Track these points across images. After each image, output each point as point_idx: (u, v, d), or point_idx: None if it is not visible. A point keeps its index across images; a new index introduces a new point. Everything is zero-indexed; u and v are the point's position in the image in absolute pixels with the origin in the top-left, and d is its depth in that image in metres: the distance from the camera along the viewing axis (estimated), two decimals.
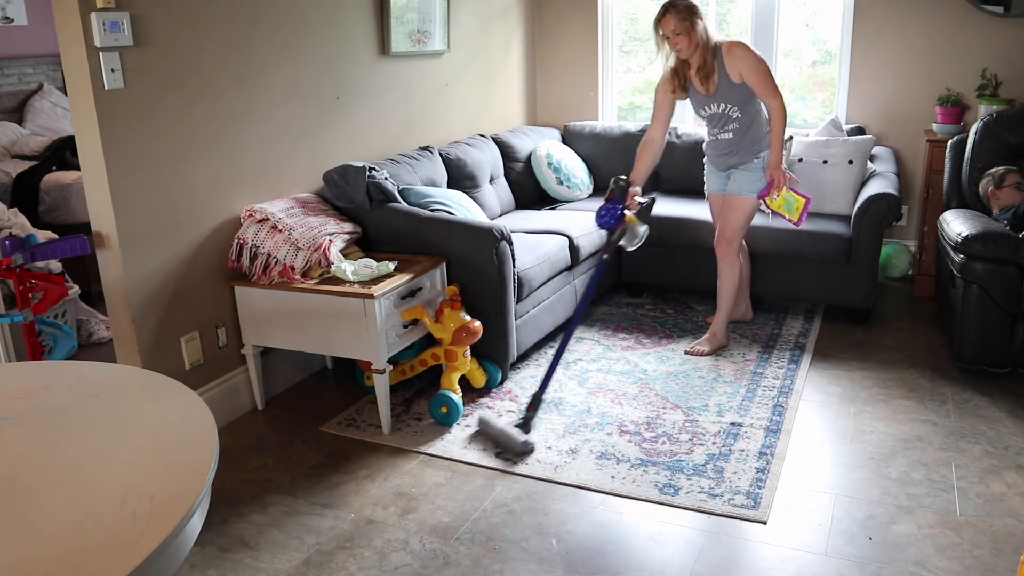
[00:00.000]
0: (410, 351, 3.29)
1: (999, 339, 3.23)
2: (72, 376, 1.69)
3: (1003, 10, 4.29)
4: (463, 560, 2.32)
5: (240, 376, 3.26)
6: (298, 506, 2.62)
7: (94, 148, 2.65)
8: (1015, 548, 2.28)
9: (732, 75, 3.35)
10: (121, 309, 2.82)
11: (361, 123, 3.83)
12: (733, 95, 3.39)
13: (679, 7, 3.30)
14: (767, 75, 3.34)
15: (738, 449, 2.85)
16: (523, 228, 3.97)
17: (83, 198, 3.26)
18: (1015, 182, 3.65)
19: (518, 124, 5.26)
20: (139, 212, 2.79)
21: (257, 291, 3.08)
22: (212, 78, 3.00)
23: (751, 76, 3.33)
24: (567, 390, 3.35)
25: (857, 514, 2.48)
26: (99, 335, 3.96)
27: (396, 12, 3.94)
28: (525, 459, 2.82)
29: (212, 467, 1.28)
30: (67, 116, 5.65)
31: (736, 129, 3.45)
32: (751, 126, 3.44)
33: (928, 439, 2.89)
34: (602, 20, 5.23)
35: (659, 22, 3.36)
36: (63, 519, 1.17)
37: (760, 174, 3.46)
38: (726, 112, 3.43)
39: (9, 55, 5.74)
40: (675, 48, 3.35)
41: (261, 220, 3.10)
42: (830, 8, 4.76)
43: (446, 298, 3.16)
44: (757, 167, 3.47)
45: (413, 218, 3.34)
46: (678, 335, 3.88)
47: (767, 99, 3.36)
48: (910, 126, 4.62)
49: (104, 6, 2.56)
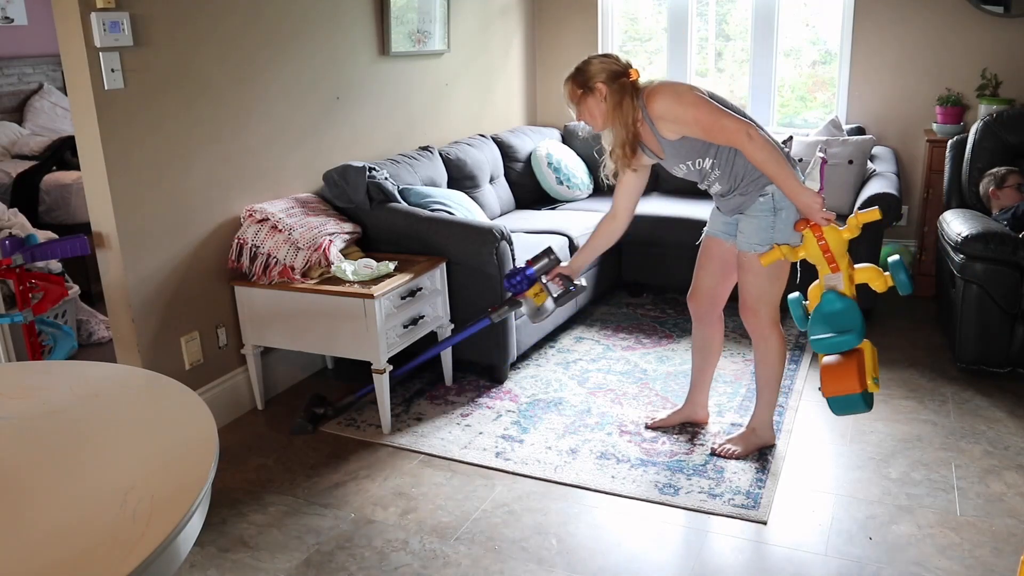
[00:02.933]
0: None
1: (999, 339, 3.23)
2: (72, 376, 1.69)
3: (1003, 10, 4.29)
4: (463, 560, 2.32)
5: (240, 376, 3.26)
6: (298, 506, 2.62)
7: (94, 148, 2.65)
8: (1015, 548, 2.28)
9: (666, 135, 2.54)
10: (121, 309, 2.82)
11: (361, 123, 3.83)
12: (687, 151, 2.57)
13: (574, 72, 2.58)
14: (704, 113, 2.45)
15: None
16: (523, 228, 3.97)
17: (83, 198, 3.26)
18: (1016, 183, 3.65)
19: (518, 124, 5.26)
20: (139, 212, 2.79)
21: (257, 291, 3.08)
22: (212, 78, 3.00)
23: (685, 127, 2.50)
24: (567, 390, 3.35)
25: (857, 514, 2.47)
26: (99, 335, 3.96)
27: (396, 12, 3.94)
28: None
29: (212, 467, 1.28)
30: (67, 116, 5.65)
31: (720, 177, 2.60)
32: (734, 165, 2.56)
33: (928, 439, 2.89)
34: (602, 20, 5.23)
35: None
36: (63, 519, 1.17)
37: (770, 217, 2.54)
38: (696, 168, 2.62)
39: (9, 55, 5.74)
40: (582, 122, 2.63)
41: (261, 220, 3.10)
42: (830, 8, 4.76)
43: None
44: (765, 208, 2.55)
45: (413, 218, 3.34)
46: (678, 335, 3.88)
47: (720, 142, 2.50)
48: (910, 126, 4.62)
49: (104, 6, 2.56)
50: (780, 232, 2.54)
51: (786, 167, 2.45)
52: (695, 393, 3.00)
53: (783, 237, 2.54)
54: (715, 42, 5.17)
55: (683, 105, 2.48)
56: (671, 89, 2.51)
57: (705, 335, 2.90)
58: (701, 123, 2.47)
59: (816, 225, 2.45)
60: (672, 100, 2.49)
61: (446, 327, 3.35)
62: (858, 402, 2.40)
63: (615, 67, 2.53)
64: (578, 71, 2.57)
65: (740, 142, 2.45)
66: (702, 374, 2.97)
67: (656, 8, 5.22)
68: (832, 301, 2.43)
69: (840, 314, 2.41)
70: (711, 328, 2.88)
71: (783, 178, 2.45)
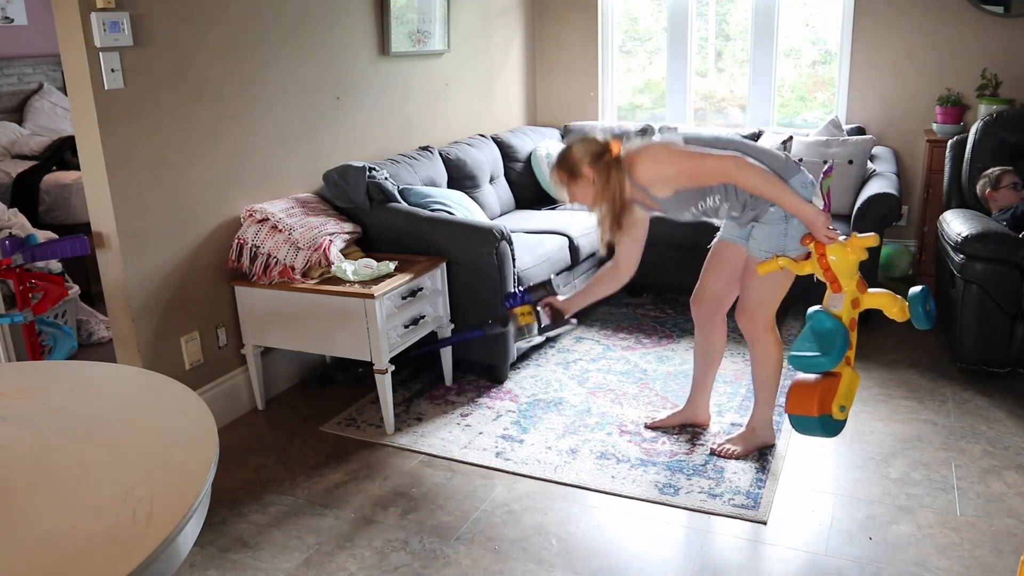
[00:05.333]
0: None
1: (999, 339, 3.23)
2: (72, 376, 1.69)
3: (1003, 10, 4.29)
4: (463, 560, 2.32)
5: (240, 376, 3.26)
6: (298, 506, 2.62)
7: (94, 148, 2.65)
8: (1015, 548, 2.28)
9: (660, 194, 2.59)
10: (121, 309, 2.82)
11: (361, 123, 3.83)
12: (687, 200, 2.60)
13: (559, 162, 2.60)
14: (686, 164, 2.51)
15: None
16: (523, 228, 3.97)
17: (83, 198, 3.26)
18: (1012, 182, 3.64)
19: (518, 124, 5.26)
20: (139, 212, 2.79)
21: (257, 291, 3.08)
22: (212, 78, 3.00)
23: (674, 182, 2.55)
24: (567, 390, 3.35)
25: (857, 514, 2.47)
26: (99, 335, 3.96)
27: (396, 12, 3.94)
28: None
29: (212, 467, 1.28)
30: (67, 116, 5.65)
31: (731, 207, 2.62)
32: (738, 192, 2.56)
33: (928, 439, 2.89)
34: (602, 20, 5.23)
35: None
36: (63, 519, 1.17)
37: (782, 224, 2.55)
38: (702, 209, 2.64)
39: (9, 55, 5.74)
40: (575, 203, 2.69)
41: (261, 220, 3.10)
42: (830, 8, 4.76)
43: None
44: (777, 216, 2.55)
45: (413, 218, 3.34)
46: (678, 335, 3.88)
47: (711, 182, 2.53)
48: (910, 126, 4.62)
49: (104, 6, 2.56)
50: (791, 239, 2.55)
51: (779, 186, 2.46)
52: (696, 396, 2.99)
53: (794, 244, 2.53)
54: (715, 42, 5.17)
55: (662, 164, 2.54)
56: (647, 155, 2.55)
57: (708, 339, 2.90)
58: (686, 174, 2.53)
59: (819, 242, 2.43)
60: (651, 165, 2.54)
61: (446, 327, 3.35)
62: (815, 426, 2.38)
63: (596, 148, 2.57)
64: (563, 160, 2.60)
65: (729, 175, 2.49)
66: (704, 377, 2.96)
67: (656, 8, 5.22)
68: (823, 320, 2.41)
69: (825, 335, 2.39)
70: (714, 333, 2.88)
71: (780, 196, 2.46)
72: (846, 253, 2.39)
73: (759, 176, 2.45)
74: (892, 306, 2.45)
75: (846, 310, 2.42)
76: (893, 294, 2.48)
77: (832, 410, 2.37)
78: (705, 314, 2.87)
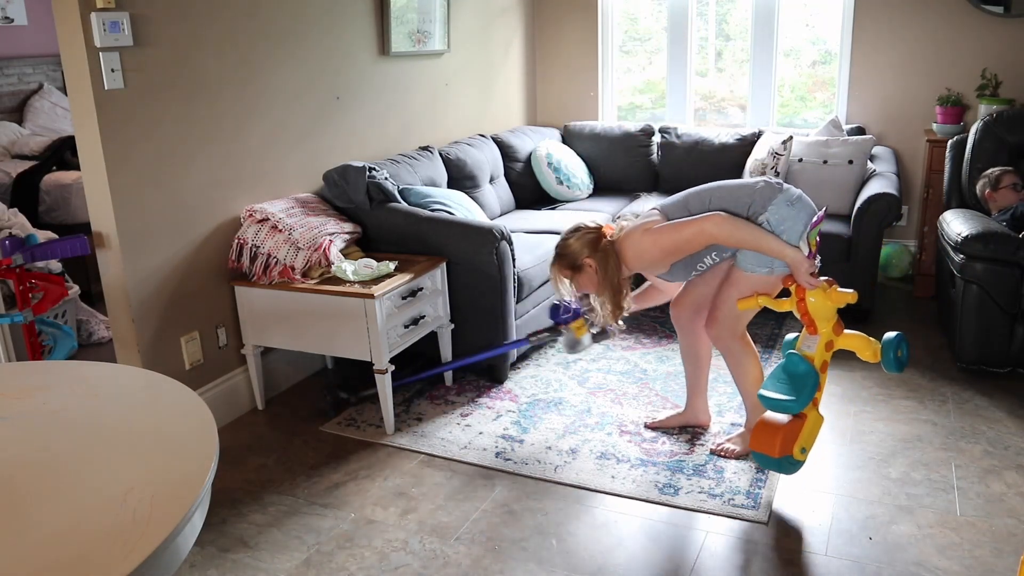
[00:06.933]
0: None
1: (999, 339, 3.23)
2: (72, 376, 1.69)
3: (1003, 10, 4.29)
4: (463, 560, 2.32)
5: (240, 376, 3.26)
6: (298, 506, 2.62)
7: (94, 148, 2.65)
8: (1015, 548, 2.28)
9: (659, 272, 2.73)
10: (121, 309, 2.82)
11: (361, 123, 3.83)
12: (683, 268, 2.68)
13: (558, 257, 2.70)
14: (665, 242, 2.57)
15: None
16: (523, 228, 3.97)
17: (83, 198, 3.26)
18: (1011, 183, 3.64)
19: (518, 124, 5.26)
20: (139, 212, 2.79)
21: (257, 291, 3.08)
22: (212, 78, 3.00)
23: (661, 260, 2.63)
24: (567, 390, 3.35)
25: (857, 514, 2.48)
26: (99, 335, 3.96)
27: (396, 12, 3.94)
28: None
29: (212, 467, 1.28)
30: (67, 116, 5.65)
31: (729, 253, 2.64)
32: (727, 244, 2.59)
33: (928, 439, 2.89)
34: (602, 20, 5.23)
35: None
36: (63, 519, 1.17)
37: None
38: (703, 268, 2.71)
39: (9, 55, 5.74)
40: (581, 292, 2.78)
41: (261, 220, 3.10)
42: (830, 8, 4.76)
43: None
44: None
45: (413, 218, 3.34)
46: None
47: (694, 250, 2.58)
48: (910, 126, 4.62)
49: (104, 6, 2.56)
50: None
51: (759, 234, 2.48)
52: (693, 399, 2.99)
53: (781, 263, 2.53)
54: (715, 42, 5.17)
55: (646, 252, 2.62)
56: (630, 246, 2.63)
57: (690, 343, 2.91)
58: (668, 251, 2.59)
59: (800, 286, 2.46)
60: (636, 257, 2.64)
61: (446, 327, 3.35)
62: (775, 464, 2.44)
63: (592, 236, 2.66)
64: (561, 256, 2.68)
65: (709, 236, 2.52)
66: (696, 381, 2.97)
67: (656, 8, 5.22)
68: (796, 363, 2.44)
69: (796, 378, 2.42)
70: (693, 336, 2.89)
71: (760, 245, 2.49)
72: (825, 298, 2.42)
73: (739, 231, 2.49)
74: (865, 349, 2.49)
75: (819, 352, 2.46)
76: (867, 337, 2.51)
77: (793, 451, 2.42)
78: (685, 318, 2.89)
